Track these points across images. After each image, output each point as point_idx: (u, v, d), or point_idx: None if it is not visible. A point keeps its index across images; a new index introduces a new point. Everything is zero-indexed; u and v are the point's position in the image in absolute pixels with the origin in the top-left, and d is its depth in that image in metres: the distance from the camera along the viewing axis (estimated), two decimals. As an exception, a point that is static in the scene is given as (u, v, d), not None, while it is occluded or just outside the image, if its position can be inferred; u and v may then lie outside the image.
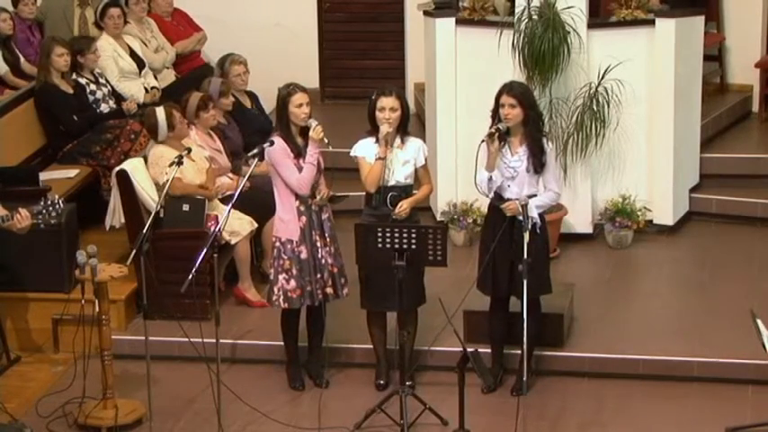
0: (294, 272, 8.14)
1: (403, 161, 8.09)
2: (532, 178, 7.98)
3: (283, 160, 8.04)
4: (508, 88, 8.03)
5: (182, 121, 9.27)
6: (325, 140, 8.03)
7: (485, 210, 8.60)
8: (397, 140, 8.09)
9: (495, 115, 8.00)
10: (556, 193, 8.30)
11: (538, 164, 7.97)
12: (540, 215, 7.95)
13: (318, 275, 8.16)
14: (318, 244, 8.16)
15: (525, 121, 7.96)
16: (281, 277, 8.20)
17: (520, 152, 7.99)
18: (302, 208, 8.10)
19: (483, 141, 7.94)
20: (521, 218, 7.78)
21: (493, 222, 8.16)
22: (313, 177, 8.04)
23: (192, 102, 9.50)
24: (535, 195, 7.91)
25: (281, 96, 8.17)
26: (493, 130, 7.91)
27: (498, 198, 8.03)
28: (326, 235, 8.21)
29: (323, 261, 8.18)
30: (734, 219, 10.24)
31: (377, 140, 8.05)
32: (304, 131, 8.04)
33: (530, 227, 7.71)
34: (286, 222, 8.15)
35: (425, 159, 8.24)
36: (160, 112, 9.33)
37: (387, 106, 7.99)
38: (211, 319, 7.80)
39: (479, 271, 8.22)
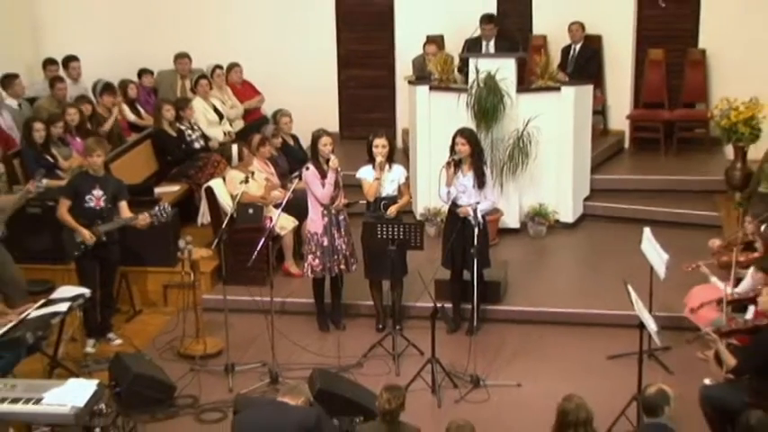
0: (318, 254, 8.19)
1: (390, 180, 8.17)
2: (477, 192, 8.01)
3: (313, 180, 8.09)
4: (460, 132, 8.13)
5: (248, 154, 9.31)
6: (338, 169, 8.08)
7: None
8: (387, 166, 8.14)
9: (452, 150, 8.05)
10: (493, 201, 8.42)
11: (480, 182, 8.04)
12: (483, 216, 7.95)
13: (335, 257, 8.18)
14: (336, 236, 8.18)
15: (472, 153, 8.04)
16: (310, 257, 8.27)
17: (468, 174, 8.05)
18: (325, 212, 8.12)
19: (443, 167, 8.03)
20: (470, 218, 7.87)
21: (451, 221, 8.23)
22: (331, 192, 8.07)
23: (254, 141, 9.51)
24: (479, 203, 7.92)
25: (314, 137, 8.28)
26: (450, 160, 8.03)
27: (454, 205, 8.10)
28: (342, 230, 8.23)
29: (338, 247, 8.19)
30: (613, 219, 10.19)
31: (374, 167, 8.11)
32: (328, 161, 8.07)
33: (481, 225, 7.84)
34: (314, 221, 8.20)
35: (406, 179, 8.34)
36: (234, 148, 9.47)
37: (379, 144, 8.09)
38: (267, 284, 7.80)
39: (443, 254, 8.27)
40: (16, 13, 11.39)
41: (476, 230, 7.83)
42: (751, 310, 7.13)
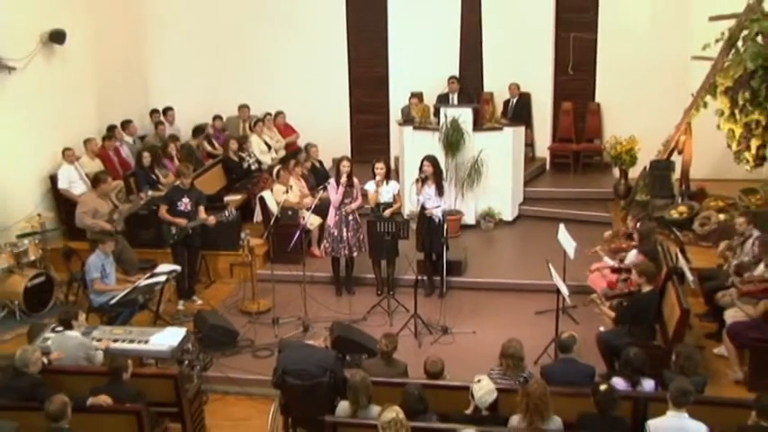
0: (330, 241, 8.16)
1: (387, 191, 8.11)
2: (438, 198, 7.99)
3: (332, 190, 8.08)
4: (426, 157, 8.12)
5: (284, 173, 9.27)
6: (353, 184, 8.06)
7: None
8: (384, 182, 8.09)
9: (420, 170, 8.05)
10: (449, 205, 8.54)
11: (440, 192, 8.01)
12: (443, 215, 8.00)
13: (341, 244, 8.10)
14: (344, 230, 8.09)
15: (434, 173, 8.01)
16: (324, 242, 8.26)
17: (432, 186, 8.01)
18: (337, 212, 8.09)
19: (413, 183, 8.10)
20: (434, 217, 7.93)
21: (421, 219, 8.17)
22: (340, 199, 8.00)
23: (290, 164, 9.55)
24: (439, 206, 7.96)
25: (336, 161, 8.35)
26: (418, 177, 8.04)
27: (423, 208, 8.06)
28: (350, 225, 8.11)
29: (345, 238, 8.09)
30: (539, 218, 10.10)
31: (376, 182, 8.07)
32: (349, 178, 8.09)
33: (441, 222, 7.88)
34: (331, 217, 8.18)
35: (397, 190, 8.25)
36: (275, 170, 9.43)
37: (379, 167, 8.07)
38: (301, 263, 7.83)
39: (417, 242, 8.24)
40: (132, 78, 11.40)
41: (443, 226, 7.86)
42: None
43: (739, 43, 8.90)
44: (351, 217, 8.13)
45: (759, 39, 8.63)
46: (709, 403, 5.13)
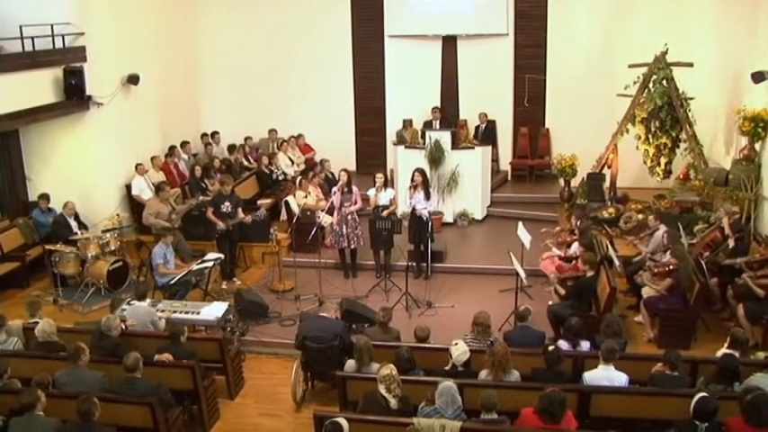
0: (333, 234, 8.13)
1: (384, 196, 8.06)
2: (425, 201, 7.95)
3: (337, 196, 8.01)
4: (417, 169, 8.10)
5: (304, 183, 9.24)
6: (350, 191, 8.00)
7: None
8: (383, 189, 8.05)
9: (412, 179, 8.01)
10: (434, 206, 8.48)
11: (427, 196, 7.96)
12: (429, 214, 7.96)
13: (341, 238, 8.05)
14: (344, 227, 8.02)
15: (423, 181, 7.96)
16: (330, 236, 8.23)
17: (421, 192, 7.97)
18: (338, 212, 8.03)
19: (408, 189, 8.04)
20: (422, 216, 7.85)
21: (412, 218, 8.09)
22: (338, 202, 7.94)
23: (309, 175, 9.52)
24: (426, 208, 7.92)
25: (339, 172, 8.18)
26: (410, 185, 7.99)
27: (413, 209, 8.01)
28: (349, 223, 8.04)
29: (344, 233, 8.03)
30: (503, 217, 10.05)
31: (376, 189, 8.04)
32: (347, 185, 8.04)
33: (428, 220, 7.84)
34: (335, 216, 8.11)
35: (393, 196, 8.18)
36: (297, 180, 9.37)
37: (378, 176, 8.02)
38: (317, 252, 7.81)
39: (408, 235, 8.19)
40: (188, 109, 11.33)
41: (429, 223, 7.85)
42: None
43: (650, 85, 9.10)
44: (350, 217, 8.07)
45: (664, 82, 8.92)
46: (629, 358, 5.22)
